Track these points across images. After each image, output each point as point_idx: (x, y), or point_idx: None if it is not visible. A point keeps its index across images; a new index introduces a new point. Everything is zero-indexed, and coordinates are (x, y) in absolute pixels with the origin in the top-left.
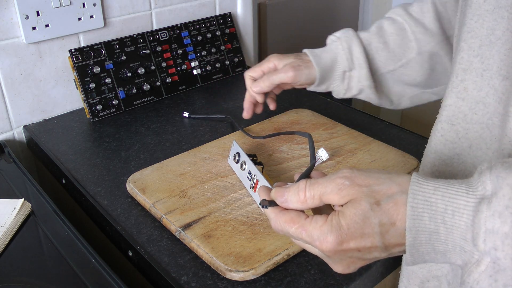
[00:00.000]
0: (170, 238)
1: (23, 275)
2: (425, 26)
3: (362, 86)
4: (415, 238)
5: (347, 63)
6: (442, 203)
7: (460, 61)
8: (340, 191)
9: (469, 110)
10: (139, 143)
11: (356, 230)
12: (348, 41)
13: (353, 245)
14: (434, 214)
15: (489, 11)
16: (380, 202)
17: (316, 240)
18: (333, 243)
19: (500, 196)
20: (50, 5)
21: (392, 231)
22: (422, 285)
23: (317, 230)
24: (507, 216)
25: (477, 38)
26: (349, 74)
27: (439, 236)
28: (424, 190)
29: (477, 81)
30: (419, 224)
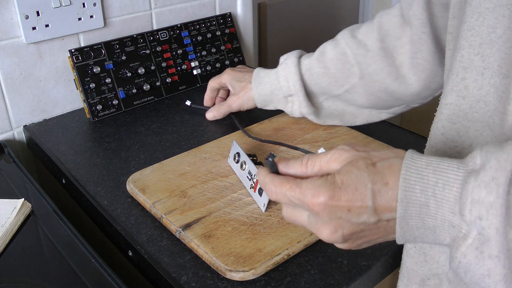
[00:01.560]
0: (170, 238)
1: (23, 275)
2: (366, 48)
3: (302, 113)
4: (406, 210)
5: (286, 90)
6: (434, 176)
7: (461, 59)
8: (339, 156)
9: (470, 108)
10: (139, 143)
11: (349, 185)
12: (286, 68)
13: (344, 200)
14: (425, 187)
15: (489, 9)
16: (376, 163)
17: (308, 194)
18: (325, 196)
19: (487, 168)
20: (50, 5)
21: (384, 192)
22: (422, 283)
23: (311, 185)
24: (493, 186)
25: (478, 36)
26: (292, 99)
27: (429, 210)
28: (417, 164)
29: (478, 80)
30: (410, 196)
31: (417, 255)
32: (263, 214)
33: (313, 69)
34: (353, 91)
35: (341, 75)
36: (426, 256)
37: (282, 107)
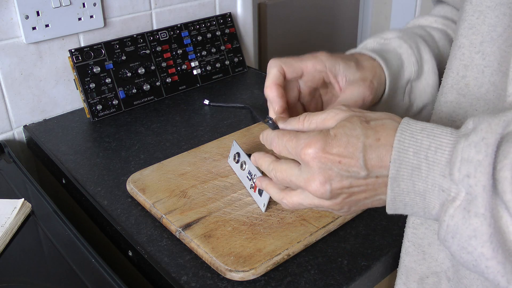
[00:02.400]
0: (170, 238)
1: (23, 275)
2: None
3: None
4: (398, 171)
5: (417, 68)
6: (427, 140)
7: (461, 57)
8: (335, 115)
9: (470, 106)
10: (139, 143)
11: (342, 137)
12: (413, 39)
13: (336, 152)
14: (418, 150)
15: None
16: (370, 121)
17: (302, 143)
18: (317, 146)
19: (478, 130)
20: (50, 5)
21: (375, 147)
22: (421, 281)
23: (306, 135)
24: (482, 146)
25: (479, 34)
26: (411, 86)
27: (420, 172)
28: (411, 128)
29: (478, 78)
30: (403, 157)
31: (416, 253)
32: (263, 214)
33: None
34: None
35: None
36: (425, 254)
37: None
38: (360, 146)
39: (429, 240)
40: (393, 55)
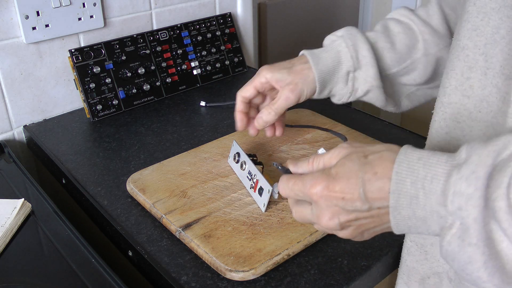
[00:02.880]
0: (170, 238)
1: (23, 275)
2: (432, 27)
3: (369, 87)
4: (397, 201)
5: (352, 63)
6: (423, 170)
7: (466, 59)
8: (339, 153)
9: (474, 108)
10: (139, 143)
11: (342, 176)
12: (352, 38)
13: (338, 189)
14: (415, 180)
15: (495, 9)
16: (368, 156)
17: (307, 185)
18: (321, 186)
19: (469, 162)
20: (50, 5)
21: (373, 180)
22: (422, 281)
23: (311, 177)
24: (472, 179)
25: (483, 36)
26: (353, 75)
27: (418, 201)
28: (409, 159)
29: (482, 79)
30: (401, 187)
31: (418, 253)
32: (263, 214)
33: (379, 43)
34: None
35: (406, 51)
36: (427, 254)
37: (338, 89)
38: (359, 182)
39: (431, 240)
40: (331, 53)
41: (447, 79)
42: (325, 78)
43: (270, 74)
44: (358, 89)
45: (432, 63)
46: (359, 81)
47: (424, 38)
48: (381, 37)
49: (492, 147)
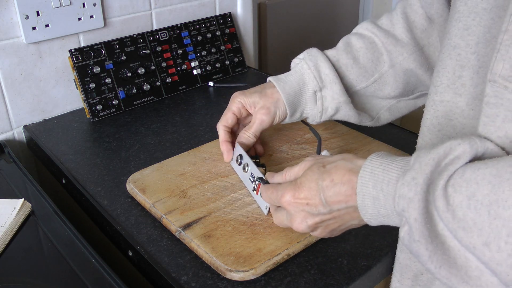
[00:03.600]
0: (170, 238)
1: (23, 275)
2: (395, 37)
3: (338, 104)
4: (363, 201)
5: (316, 82)
6: (382, 174)
7: (457, 58)
8: (304, 166)
9: (466, 105)
10: (139, 143)
11: (305, 184)
12: (313, 59)
13: (303, 197)
14: (375, 183)
15: (486, 9)
16: (326, 165)
17: (279, 193)
18: (289, 194)
19: (412, 169)
20: (50, 5)
21: (331, 186)
22: (415, 278)
23: (281, 187)
24: (412, 185)
25: (475, 35)
26: (321, 95)
27: (379, 201)
28: (372, 164)
29: (474, 78)
30: (365, 190)
31: None
32: (263, 214)
33: (341, 60)
34: (381, 81)
35: (371, 65)
36: None
37: (309, 110)
38: (319, 188)
39: None
40: (296, 76)
41: (438, 78)
42: (294, 101)
43: (244, 98)
44: (328, 108)
45: (400, 74)
46: (327, 99)
47: (387, 50)
48: (342, 54)
49: (432, 155)
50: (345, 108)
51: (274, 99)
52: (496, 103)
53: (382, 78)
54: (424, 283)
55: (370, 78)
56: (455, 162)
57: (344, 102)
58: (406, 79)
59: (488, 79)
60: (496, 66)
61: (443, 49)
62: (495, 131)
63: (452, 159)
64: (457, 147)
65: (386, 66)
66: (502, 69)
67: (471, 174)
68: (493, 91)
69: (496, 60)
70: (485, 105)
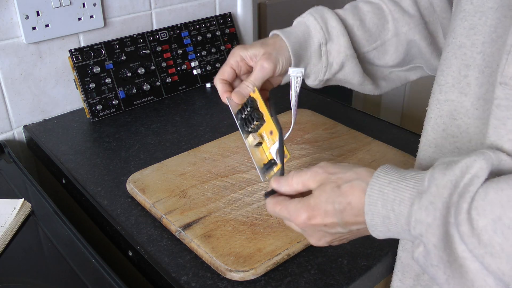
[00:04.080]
0: (170, 238)
1: (23, 275)
2: (402, 7)
3: (344, 58)
4: (372, 220)
5: (323, 34)
6: (393, 194)
7: (463, 57)
8: (314, 178)
9: (471, 105)
10: (139, 143)
11: (320, 208)
12: (319, 12)
13: (320, 220)
14: (385, 202)
15: (493, 9)
16: (340, 186)
17: (292, 215)
18: (304, 218)
19: (428, 193)
20: (50, 5)
21: (348, 210)
22: (417, 278)
23: (293, 208)
24: (431, 210)
25: (480, 35)
26: (326, 49)
27: (390, 220)
28: (380, 182)
29: (479, 78)
30: (374, 209)
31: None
32: (263, 214)
33: (347, 20)
34: (382, 48)
35: (375, 30)
36: None
37: (312, 66)
38: (336, 212)
39: None
40: (300, 27)
41: (442, 77)
42: (299, 52)
43: (243, 51)
44: (333, 63)
45: (403, 44)
46: (332, 54)
47: (393, 18)
48: (349, 15)
49: (449, 177)
50: (350, 64)
51: (277, 46)
52: (507, 106)
53: (384, 45)
54: (426, 283)
55: (372, 44)
56: (475, 182)
57: (350, 56)
58: (407, 50)
59: (498, 81)
60: (508, 69)
61: (448, 47)
62: (506, 134)
63: (471, 179)
64: (473, 165)
65: (390, 34)
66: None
67: (495, 195)
68: (504, 93)
69: (508, 63)
70: (496, 108)
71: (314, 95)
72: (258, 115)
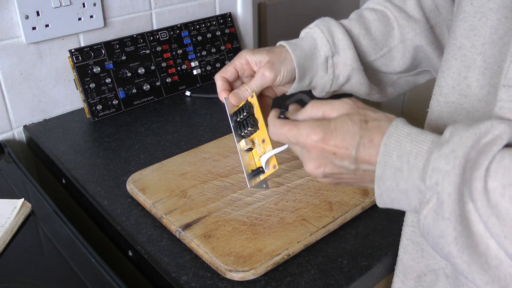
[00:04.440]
0: (170, 238)
1: (23, 275)
2: (407, 13)
3: (350, 71)
4: (383, 171)
5: (329, 47)
6: (410, 146)
7: (463, 59)
8: (340, 109)
9: (472, 107)
10: (139, 143)
11: (340, 132)
12: (326, 24)
13: (333, 144)
14: (401, 154)
15: (493, 10)
16: (368, 121)
17: (304, 133)
18: (317, 137)
19: (450, 142)
20: (50, 5)
21: (368, 146)
22: (418, 279)
23: (308, 125)
24: (451, 158)
25: (481, 36)
26: (332, 62)
27: (402, 174)
28: (398, 133)
29: (480, 79)
30: (388, 159)
31: (414, 251)
32: (263, 214)
33: (353, 30)
34: (389, 55)
35: (382, 38)
36: (423, 252)
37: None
38: (355, 143)
39: None
40: (307, 40)
41: (443, 78)
42: (304, 65)
43: (250, 55)
44: (339, 75)
45: (410, 50)
46: (339, 67)
47: (399, 24)
48: (355, 24)
49: (474, 130)
50: (357, 76)
51: (282, 57)
52: (510, 108)
53: (391, 52)
54: (428, 284)
55: (379, 52)
56: (497, 142)
57: (357, 69)
58: (414, 55)
59: (502, 84)
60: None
61: (448, 49)
62: None
63: (493, 139)
64: (498, 126)
65: (396, 40)
66: None
67: (509, 161)
68: (508, 96)
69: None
70: (499, 110)
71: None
72: (253, 121)
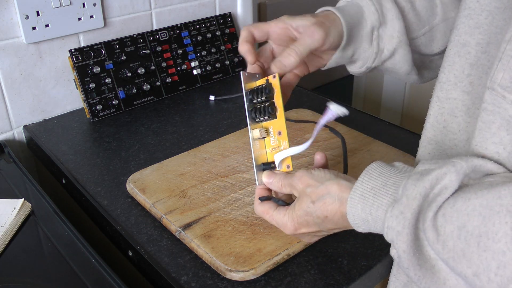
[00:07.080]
0: (170, 238)
1: (23, 275)
2: None
3: (396, 44)
4: (354, 220)
5: (377, 16)
6: (372, 199)
7: (467, 56)
8: (297, 184)
9: (472, 104)
10: (139, 143)
11: (303, 221)
12: None
13: (305, 230)
14: (364, 206)
15: (499, 9)
16: (315, 201)
17: (280, 226)
18: (291, 229)
19: (400, 203)
20: (50, 5)
21: (326, 221)
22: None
23: (280, 219)
24: (400, 219)
25: (486, 35)
26: (377, 34)
27: (369, 223)
28: (363, 187)
29: (483, 77)
30: (354, 211)
31: None
32: None
33: (400, 2)
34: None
35: (425, 14)
36: None
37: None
38: (317, 224)
39: None
40: (353, 7)
41: (444, 74)
42: (351, 30)
43: (291, 19)
44: (384, 49)
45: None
46: (384, 40)
47: (442, 1)
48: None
49: (419, 189)
50: (403, 51)
51: (330, 18)
52: (493, 111)
53: (432, 31)
54: None
55: (421, 29)
56: (443, 193)
57: (404, 43)
58: None
59: (487, 86)
60: (497, 74)
61: (451, 45)
62: (490, 137)
63: (440, 189)
64: (443, 178)
65: (438, 18)
66: (502, 78)
67: (462, 204)
68: (491, 98)
69: (497, 69)
70: (483, 111)
71: (314, 95)
72: (272, 110)
